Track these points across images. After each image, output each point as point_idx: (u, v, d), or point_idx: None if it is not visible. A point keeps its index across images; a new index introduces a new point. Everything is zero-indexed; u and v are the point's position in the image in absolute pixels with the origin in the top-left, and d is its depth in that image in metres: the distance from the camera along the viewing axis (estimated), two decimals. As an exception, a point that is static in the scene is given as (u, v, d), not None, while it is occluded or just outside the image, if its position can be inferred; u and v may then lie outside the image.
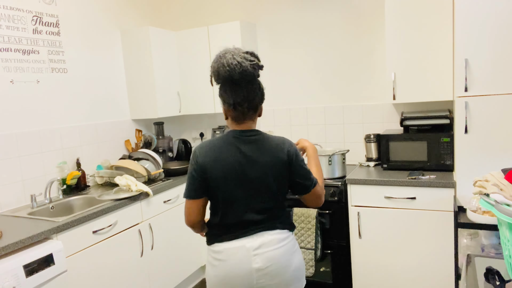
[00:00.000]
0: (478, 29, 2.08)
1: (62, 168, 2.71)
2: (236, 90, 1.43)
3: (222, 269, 1.45)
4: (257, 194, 1.46)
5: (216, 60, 1.43)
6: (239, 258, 1.43)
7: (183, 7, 3.79)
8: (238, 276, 1.43)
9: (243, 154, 1.45)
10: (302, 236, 2.70)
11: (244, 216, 1.46)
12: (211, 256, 1.51)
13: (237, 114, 1.47)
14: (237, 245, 1.45)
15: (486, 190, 1.18)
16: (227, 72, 1.39)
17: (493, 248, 2.00)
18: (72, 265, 2.07)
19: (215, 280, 1.48)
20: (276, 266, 1.44)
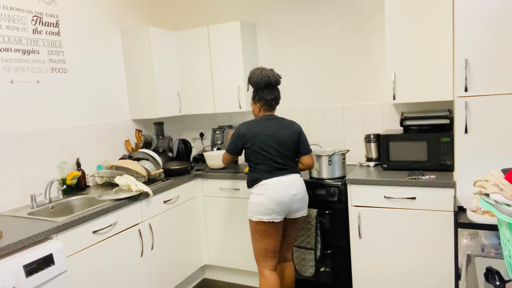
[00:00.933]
0: (478, 29, 2.08)
1: (62, 168, 2.71)
2: (271, 91, 2.43)
3: (271, 193, 2.28)
4: (285, 148, 2.38)
5: (257, 72, 2.39)
6: (281, 187, 2.29)
7: (183, 7, 3.79)
8: (283, 197, 2.28)
9: (272, 126, 2.40)
10: (302, 236, 2.70)
11: (279, 162, 2.35)
12: (259, 188, 2.31)
13: (268, 107, 2.46)
14: (278, 180, 2.32)
15: (486, 190, 1.19)
16: (268, 80, 2.38)
17: (493, 248, 1.99)
18: (72, 265, 2.07)
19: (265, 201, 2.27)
20: (301, 193, 2.37)
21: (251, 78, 2.41)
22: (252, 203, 2.32)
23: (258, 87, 2.41)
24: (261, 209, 2.27)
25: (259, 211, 2.28)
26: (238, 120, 3.68)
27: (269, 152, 2.34)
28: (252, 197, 2.33)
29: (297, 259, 2.74)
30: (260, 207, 2.27)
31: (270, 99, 2.42)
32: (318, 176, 2.76)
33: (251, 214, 2.32)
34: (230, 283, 3.28)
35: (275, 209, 2.26)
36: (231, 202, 3.10)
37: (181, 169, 3.12)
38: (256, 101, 2.45)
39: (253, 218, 2.31)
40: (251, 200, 2.33)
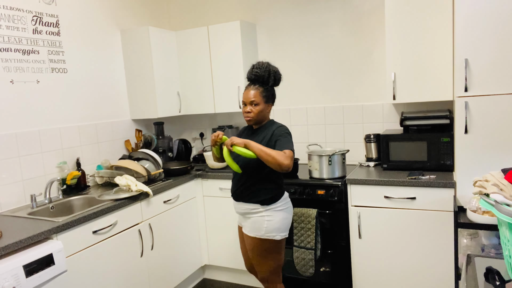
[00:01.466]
0: (478, 29, 2.08)
1: (62, 168, 2.71)
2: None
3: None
4: None
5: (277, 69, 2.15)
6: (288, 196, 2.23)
7: (183, 7, 3.79)
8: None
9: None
10: (302, 236, 2.70)
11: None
12: (285, 203, 2.14)
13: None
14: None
15: (486, 190, 1.19)
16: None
17: (493, 248, 2.00)
18: (72, 265, 2.07)
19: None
20: None
21: (278, 74, 2.15)
22: (274, 221, 2.06)
23: (278, 85, 2.19)
24: (286, 225, 2.12)
25: (285, 227, 2.11)
26: (238, 120, 3.68)
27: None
28: (274, 215, 2.07)
29: (297, 259, 2.74)
30: (285, 223, 2.11)
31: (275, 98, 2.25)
32: (318, 176, 2.76)
33: (274, 233, 2.07)
34: (230, 283, 3.28)
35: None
36: (231, 202, 3.09)
37: (181, 169, 3.12)
38: (270, 100, 2.17)
39: (277, 237, 2.08)
40: (273, 218, 2.07)
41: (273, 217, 2.07)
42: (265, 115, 2.17)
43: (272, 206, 2.08)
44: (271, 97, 2.16)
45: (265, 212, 2.07)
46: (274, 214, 2.07)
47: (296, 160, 2.98)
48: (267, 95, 2.13)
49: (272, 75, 2.12)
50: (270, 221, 2.06)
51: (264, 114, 2.15)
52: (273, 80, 2.13)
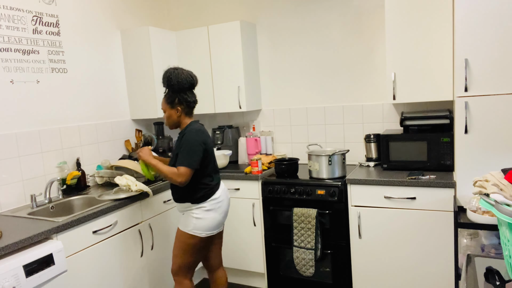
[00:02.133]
0: (478, 29, 2.08)
1: (62, 168, 2.71)
2: (193, 94, 2.22)
3: (223, 206, 2.24)
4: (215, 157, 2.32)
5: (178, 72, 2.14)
6: (225, 196, 2.28)
7: (183, 7, 3.79)
8: (228, 205, 2.31)
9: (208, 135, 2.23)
10: (302, 236, 2.70)
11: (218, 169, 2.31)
12: (214, 203, 2.18)
13: (190, 110, 2.24)
14: (222, 189, 2.28)
15: (486, 190, 1.19)
16: (191, 80, 2.17)
17: (493, 248, 2.00)
18: (72, 265, 2.07)
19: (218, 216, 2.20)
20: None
21: (172, 78, 2.13)
22: (203, 220, 2.15)
23: (181, 88, 2.16)
24: (214, 224, 2.18)
25: (212, 226, 2.17)
26: (238, 120, 3.68)
27: (214, 161, 2.27)
28: (202, 214, 2.15)
29: (297, 259, 2.74)
30: (213, 222, 2.17)
31: (192, 101, 2.21)
32: (318, 176, 2.76)
33: (200, 231, 2.15)
34: (230, 283, 3.28)
35: (223, 221, 2.25)
36: (231, 202, 3.10)
37: (181, 169, 3.12)
38: (176, 104, 2.17)
39: (202, 235, 2.16)
40: (201, 216, 2.15)
41: (201, 215, 2.15)
42: (176, 119, 2.21)
43: (200, 205, 2.16)
44: (176, 101, 2.17)
45: (195, 211, 2.16)
46: (201, 213, 2.15)
47: (296, 160, 2.98)
48: (170, 100, 2.18)
49: (166, 80, 2.16)
50: (200, 219, 2.15)
51: (174, 119, 2.21)
52: (166, 85, 2.17)
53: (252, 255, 3.08)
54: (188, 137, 2.12)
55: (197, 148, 2.11)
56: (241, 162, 3.50)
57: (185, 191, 2.18)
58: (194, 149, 2.10)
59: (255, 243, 3.05)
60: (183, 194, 2.19)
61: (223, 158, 3.23)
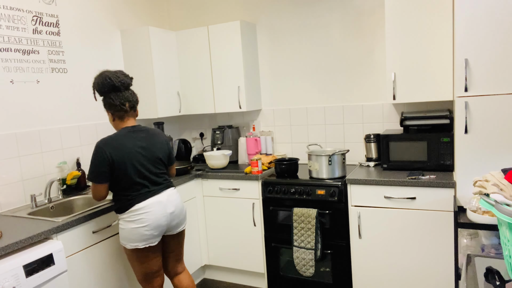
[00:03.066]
0: (478, 29, 2.08)
1: (62, 168, 2.71)
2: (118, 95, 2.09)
3: (147, 218, 2.05)
4: (158, 164, 2.16)
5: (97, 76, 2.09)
6: (157, 209, 2.08)
7: (183, 7, 3.79)
8: (160, 219, 2.08)
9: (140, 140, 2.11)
10: (302, 236, 2.70)
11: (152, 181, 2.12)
12: (133, 215, 2.04)
13: (121, 113, 2.12)
14: (153, 201, 2.08)
15: (486, 190, 1.19)
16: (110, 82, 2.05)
17: (493, 248, 2.00)
18: (72, 265, 2.07)
19: (139, 228, 2.04)
20: (178, 208, 2.20)
21: (94, 84, 2.11)
22: (124, 230, 2.05)
23: (102, 92, 2.10)
24: (135, 236, 2.04)
25: (134, 238, 2.04)
26: (238, 120, 3.68)
27: (141, 172, 2.07)
28: (123, 224, 2.06)
29: (297, 259, 2.74)
30: (134, 234, 2.03)
31: (119, 104, 2.08)
32: (318, 176, 2.76)
33: (125, 242, 2.07)
34: (230, 283, 3.28)
35: (152, 233, 2.06)
36: (231, 202, 3.10)
37: (181, 169, 3.12)
38: (107, 109, 2.13)
39: (128, 246, 2.06)
40: (122, 227, 2.06)
41: (122, 225, 2.07)
42: (113, 125, 2.18)
43: (121, 216, 2.08)
44: (107, 106, 2.12)
45: (119, 221, 2.11)
46: (122, 223, 2.07)
47: (296, 160, 2.98)
48: (103, 105, 2.15)
49: (93, 87, 2.14)
50: (121, 229, 2.08)
51: (114, 126, 2.18)
52: (94, 94, 2.16)
53: (252, 255, 3.08)
54: (94, 149, 2.03)
55: (94, 160, 2.01)
56: (241, 162, 3.50)
57: (111, 200, 2.18)
58: (92, 160, 2.02)
59: (255, 243, 3.05)
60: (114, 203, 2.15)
61: (223, 158, 3.23)
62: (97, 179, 2.01)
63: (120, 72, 2.12)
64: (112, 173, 2.03)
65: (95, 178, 2.01)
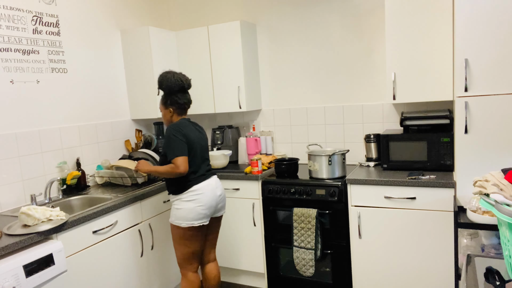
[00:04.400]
0: (478, 29, 2.08)
1: (62, 168, 2.71)
2: (184, 95, 2.38)
3: (203, 198, 2.30)
4: (206, 152, 2.44)
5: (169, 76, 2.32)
6: (210, 190, 2.34)
7: (183, 7, 3.79)
8: (212, 200, 2.35)
9: (196, 130, 2.40)
10: (302, 236, 2.70)
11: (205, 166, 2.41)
12: (190, 195, 2.28)
13: (181, 111, 2.40)
14: (206, 183, 2.35)
15: (486, 190, 1.18)
16: (181, 83, 2.33)
17: (493, 248, 2.00)
18: (72, 265, 2.07)
19: (197, 207, 2.27)
20: (223, 193, 2.48)
21: (163, 82, 2.34)
22: (182, 210, 2.27)
23: (171, 91, 2.34)
24: (192, 214, 2.27)
25: (191, 217, 2.27)
26: (238, 120, 3.68)
27: (198, 156, 2.35)
28: (181, 204, 2.28)
29: (297, 259, 2.74)
30: (192, 213, 2.26)
31: (183, 103, 2.38)
32: (318, 176, 2.76)
33: (180, 221, 2.28)
34: (230, 283, 3.28)
35: (206, 213, 2.31)
36: (231, 202, 3.10)
37: (181, 169, 3.12)
38: (169, 105, 2.38)
39: (183, 225, 2.27)
40: (180, 207, 2.28)
41: (180, 206, 2.28)
42: (170, 118, 2.41)
43: (178, 196, 2.30)
44: (168, 102, 2.37)
45: (175, 202, 2.31)
46: (180, 204, 2.28)
47: (296, 160, 2.98)
48: (163, 101, 2.39)
49: (158, 83, 2.36)
50: (179, 209, 2.29)
51: (168, 118, 2.41)
52: (159, 88, 2.37)
53: (252, 255, 3.08)
54: (166, 132, 2.28)
55: (176, 138, 2.24)
56: (241, 162, 3.50)
57: (167, 184, 2.35)
58: (174, 139, 2.24)
59: (255, 243, 3.05)
60: (167, 187, 2.36)
61: (223, 158, 3.23)
62: (183, 152, 2.23)
63: (184, 75, 2.39)
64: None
65: (182, 151, 2.23)
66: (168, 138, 2.26)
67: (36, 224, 1.93)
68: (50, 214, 1.99)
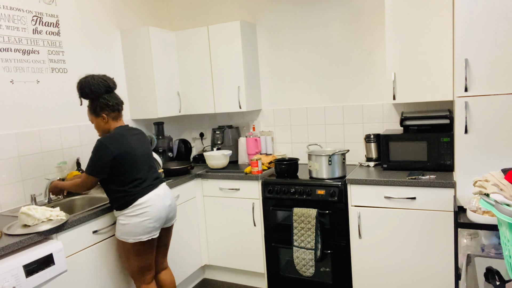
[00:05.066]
0: (478, 29, 2.08)
1: (62, 168, 2.71)
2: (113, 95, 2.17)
3: (150, 212, 2.15)
4: (150, 159, 2.28)
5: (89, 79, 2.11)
6: (157, 201, 2.18)
7: (183, 7, 3.79)
8: (161, 212, 2.20)
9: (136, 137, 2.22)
10: (302, 236, 2.70)
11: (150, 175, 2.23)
12: (137, 209, 2.12)
13: (116, 114, 2.19)
14: (153, 194, 2.18)
15: (486, 190, 1.18)
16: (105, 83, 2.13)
17: (493, 248, 2.00)
18: (72, 265, 2.07)
19: (144, 221, 2.13)
20: (173, 202, 2.33)
21: (85, 87, 2.10)
22: (127, 225, 2.12)
23: (97, 94, 2.12)
24: (139, 229, 2.12)
25: (138, 231, 2.12)
26: (238, 120, 3.68)
27: (143, 167, 2.19)
28: (125, 219, 2.12)
29: (297, 259, 2.74)
30: (138, 228, 2.12)
31: (115, 104, 2.17)
32: (318, 176, 2.76)
33: (127, 237, 2.13)
34: (230, 283, 3.28)
35: (154, 226, 2.17)
36: (231, 202, 3.10)
37: (181, 169, 3.12)
38: (99, 111, 2.14)
39: (130, 240, 2.13)
40: (124, 222, 2.12)
41: (124, 221, 2.13)
42: (105, 127, 2.19)
43: (124, 211, 2.14)
44: (98, 109, 2.14)
45: (120, 217, 2.16)
46: (124, 219, 2.13)
47: (296, 160, 2.98)
48: (93, 109, 2.16)
49: (79, 91, 2.14)
50: (124, 225, 2.14)
51: (103, 127, 2.19)
52: (80, 94, 2.14)
53: (252, 255, 3.08)
54: (96, 145, 2.09)
55: (101, 157, 2.06)
56: (241, 162, 3.50)
57: (110, 199, 2.19)
58: (98, 157, 2.07)
59: (255, 243, 3.05)
60: (109, 202, 2.21)
61: (223, 158, 3.23)
62: (96, 173, 2.09)
63: (105, 75, 2.20)
64: (115, 170, 2.10)
65: (95, 171, 2.09)
66: (93, 150, 2.09)
67: (36, 224, 1.93)
68: (50, 214, 1.99)
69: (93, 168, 2.09)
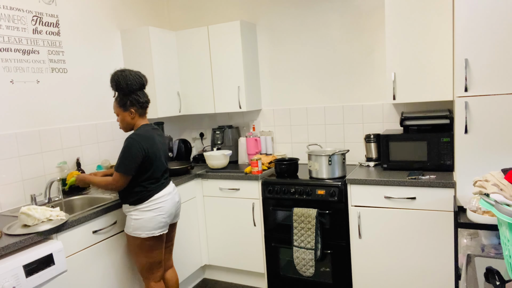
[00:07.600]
0: (478, 29, 2.08)
1: (62, 168, 2.71)
2: (144, 93, 2.23)
3: (166, 206, 2.24)
4: (166, 159, 2.34)
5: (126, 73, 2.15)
6: (169, 198, 2.27)
7: (183, 7, 3.79)
8: (172, 208, 2.29)
9: (159, 137, 2.28)
10: (302, 236, 2.70)
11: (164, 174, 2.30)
12: (153, 204, 2.19)
13: (143, 111, 2.24)
14: (166, 191, 2.26)
15: (486, 190, 1.18)
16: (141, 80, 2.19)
17: (493, 248, 2.00)
18: (72, 265, 2.07)
19: (158, 216, 2.19)
20: (180, 199, 2.41)
21: (121, 81, 2.13)
22: (141, 220, 2.16)
23: (131, 89, 2.16)
24: (153, 224, 2.17)
25: (151, 226, 2.17)
26: (238, 120, 3.68)
27: (163, 165, 2.27)
28: (139, 214, 2.16)
29: (297, 259, 2.74)
30: (152, 222, 2.17)
31: (145, 102, 2.23)
32: (318, 176, 2.76)
33: (140, 232, 2.16)
34: (230, 283, 3.28)
35: (166, 221, 2.24)
36: (231, 202, 3.10)
37: (181, 169, 3.12)
38: (129, 106, 2.18)
39: (143, 235, 2.16)
40: (138, 217, 2.16)
41: (138, 216, 2.17)
42: (130, 122, 2.23)
43: (138, 206, 2.17)
44: (129, 104, 2.18)
45: (133, 212, 2.18)
46: (138, 214, 2.17)
47: (296, 160, 2.98)
48: (122, 103, 2.19)
49: (114, 83, 2.16)
50: (137, 220, 2.17)
51: (128, 122, 2.23)
52: (115, 88, 2.17)
53: (252, 255, 3.08)
54: (128, 142, 2.11)
55: (135, 155, 2.09)
56: (241, 162, 3.50)
57: (123, 194, 2.21)
58: (132, 155, 2.09)
59: (255, 243, 3.05)
60: (122, 196, 2.23)
61: (223, 158, 3.23)
62: (129, 171, 2.10)
63: (139, 72, 2.23)
64: (142, 167, 2.15)
65: (128, 170, 2.10)
66: (127, 149, 2.09)
67: (36, 224, 1.93)
68: (50, 214, 1.99)
69: (128, 167, 2.09)
